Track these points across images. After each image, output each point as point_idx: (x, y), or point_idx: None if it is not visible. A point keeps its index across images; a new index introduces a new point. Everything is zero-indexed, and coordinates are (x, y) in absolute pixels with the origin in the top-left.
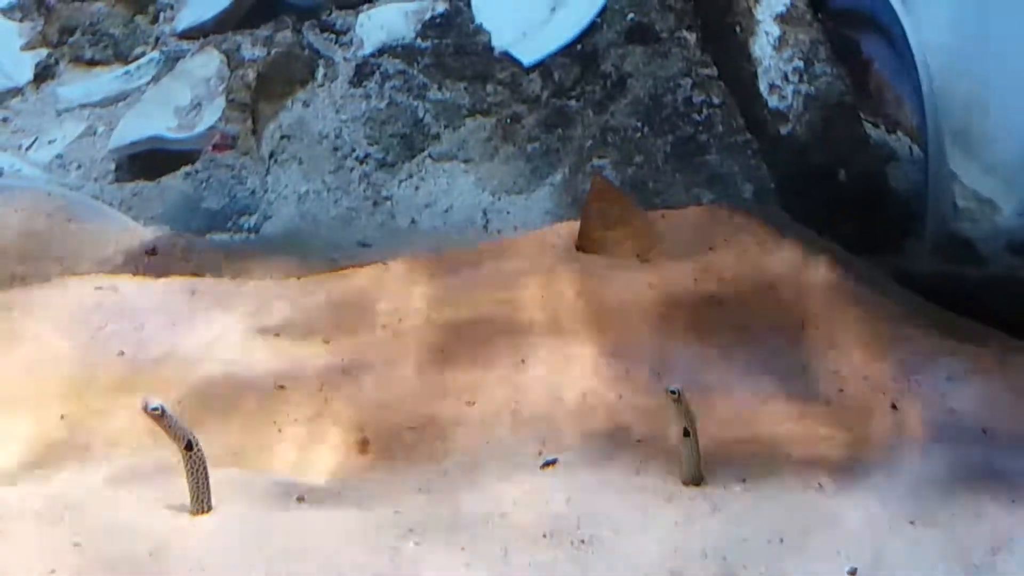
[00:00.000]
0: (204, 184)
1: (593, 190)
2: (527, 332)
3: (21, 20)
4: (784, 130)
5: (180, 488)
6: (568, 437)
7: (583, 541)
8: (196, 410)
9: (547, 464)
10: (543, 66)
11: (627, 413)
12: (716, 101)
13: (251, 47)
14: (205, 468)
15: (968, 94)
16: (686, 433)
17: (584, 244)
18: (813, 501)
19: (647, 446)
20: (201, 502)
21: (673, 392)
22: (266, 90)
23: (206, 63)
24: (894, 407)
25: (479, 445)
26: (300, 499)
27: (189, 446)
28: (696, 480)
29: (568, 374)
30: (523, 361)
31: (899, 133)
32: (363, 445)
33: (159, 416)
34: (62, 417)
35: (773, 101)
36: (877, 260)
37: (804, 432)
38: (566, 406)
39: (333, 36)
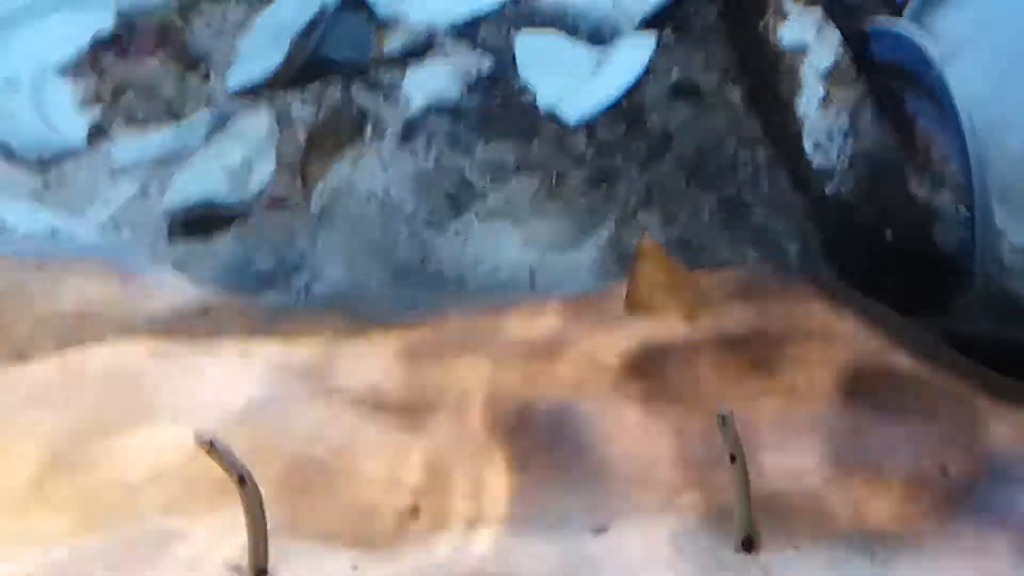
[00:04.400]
0: (255, 244)
1: (639, 250)
2: (575, 394)
3: (75, 80)
4: (829, 188)
5: (235, 556)
6: (616, 502)
7: None
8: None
9: (599, 531)
10: (588, 123)
11: (677, 475)
12: (761, 160)
13: (301, 106)
14: (261, 505)
15: (1015, 150)
16: (733, 459)
17: (631, 305)
18: (868, 570)
19: (698, 510)
20: (258, 545)
21: (721, 416)
22: (315, 150)
23: (257, 122)
24: (944, 472)
25: (532, 513)
26: (355, 568)
27: (242, 481)
28: (749, 542)
29: (616, 434)
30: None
31: (945, 191)
32: (414, 512)
33: (209, 449)
34: (122, 484)
35: (818, 159)
36: (926, 321)
37: (855, 497)
38: (614, 470)
39: (381, 94)
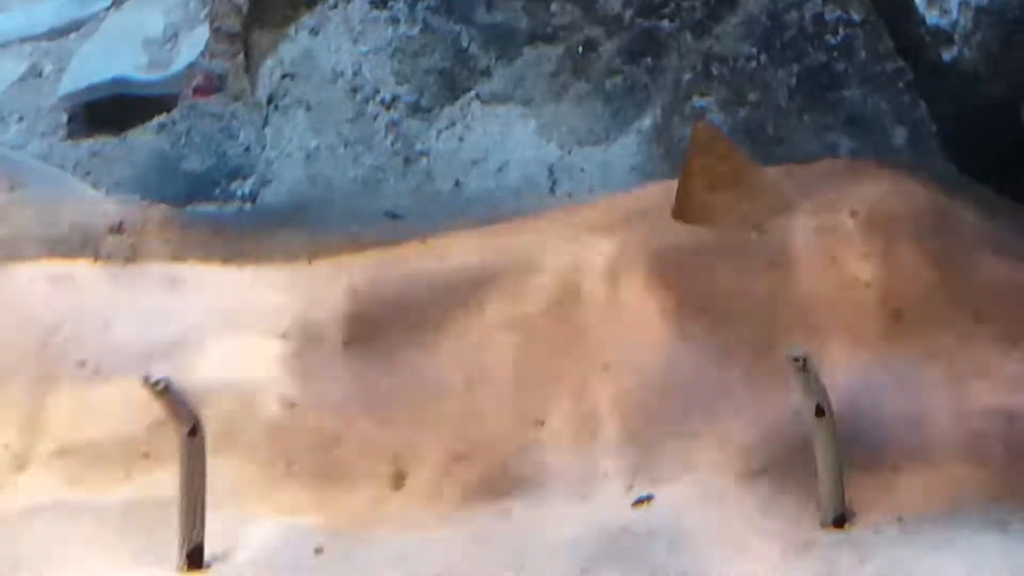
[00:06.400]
0: (183, 139)
1: (695, 141)
2: (610, 331)
3: None
4: (948, 55)
5: (160, 539)
6: (667, 466)
7: None
8: None
9: (640, 501)
10: None
11: (746, 432)
12: (856, 18)
13: None
14: (204, 466)
15: None
16: (819, 412)
17: (683, 211)
18: (997, 547)
19: (774, 477)
20: (194, 514)
21: (797, 360)
22: (261, 15)
23: None
24: None
25: (551, 478)
26: (318, 551)
27: (193, 431)
28: (839, 516)
29: (665, 382)
30: (606, 367)
31: None
32: (398, 479)
33: (162, 392)
34: (6, 447)
35: (932, 17)
36: None
37: (980, 451)
38: (664, 425)
39: None
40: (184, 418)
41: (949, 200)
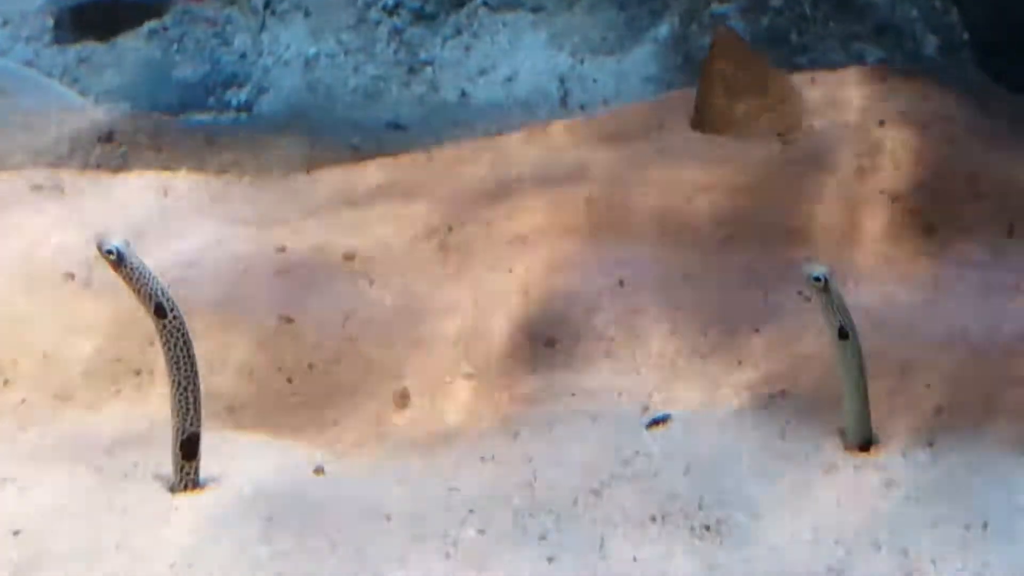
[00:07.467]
0: (176, 45)
1: (715, 47)
2: (620, 245)
3: None
4: None
5: (153, 458)
6: (685, 386)
7: (708, 527)
8: None
9: (656, 422)
10: None
11: (766, 353)
12: None
13: None
14: (189, 348)
15: None
16: (842, 334)
17: (703, 120)
18: None
19: (795, 399)
20: (187, 400)
21: (818, 279)
22: None
23: None
24: None
25: (562, 397)
26: (318, 471)
27: (160, 311)
28: (864, 441)
29: (681, 302)
30: (621, 283)
31: None
32: (402, 397)
33: (116, 263)
34: None
35: None
36: None
37: (1017, 375)
38: (679, 343)
39: None
40: (146, 294)
41: (982, 109)
